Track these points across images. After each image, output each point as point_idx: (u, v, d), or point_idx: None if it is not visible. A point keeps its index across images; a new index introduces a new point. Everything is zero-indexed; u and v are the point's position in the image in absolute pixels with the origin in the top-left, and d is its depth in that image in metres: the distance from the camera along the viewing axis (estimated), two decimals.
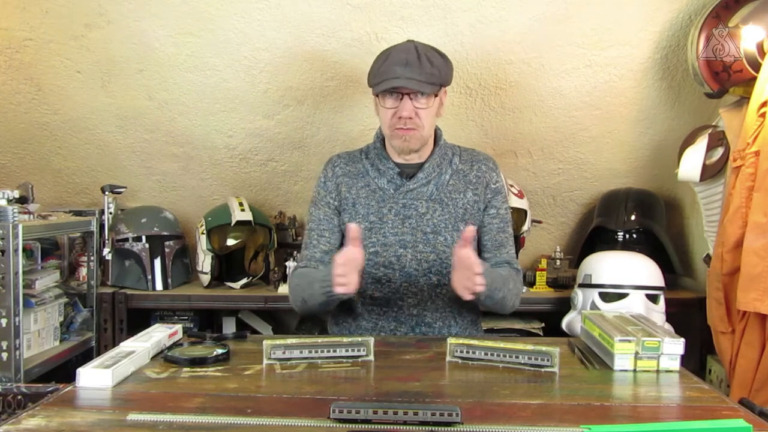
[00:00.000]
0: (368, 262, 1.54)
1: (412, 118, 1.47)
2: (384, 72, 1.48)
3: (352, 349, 1.19)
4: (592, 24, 1.97)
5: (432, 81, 1.47)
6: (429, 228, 1.54)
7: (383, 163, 1.58)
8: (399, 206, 1.56)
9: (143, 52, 2.06)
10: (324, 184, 1.63)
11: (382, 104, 1.52)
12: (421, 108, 1.48)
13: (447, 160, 1.60)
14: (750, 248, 1.61)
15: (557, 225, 2.61)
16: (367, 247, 1.53)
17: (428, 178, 1.57)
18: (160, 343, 1.22)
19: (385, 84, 1.47)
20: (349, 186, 1.60)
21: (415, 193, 1.56)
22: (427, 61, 1.47)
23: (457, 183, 1.58)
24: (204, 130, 2.31)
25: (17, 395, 1.06)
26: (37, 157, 2.40)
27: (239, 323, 2.49)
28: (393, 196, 1.56)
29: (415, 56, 1.47)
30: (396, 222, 1.55)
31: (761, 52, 1.73)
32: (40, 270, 2.01)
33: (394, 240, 1.54)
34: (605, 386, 1.06)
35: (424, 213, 1.55)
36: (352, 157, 1.65)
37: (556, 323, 2.19)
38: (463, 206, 1.57)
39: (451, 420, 0.85)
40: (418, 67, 1.45)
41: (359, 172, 1.61)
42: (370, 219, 1.56)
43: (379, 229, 1.55)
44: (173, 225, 2.39)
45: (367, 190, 1.58)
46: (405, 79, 1.45)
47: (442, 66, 1.51)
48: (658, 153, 2.35)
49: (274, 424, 0.87)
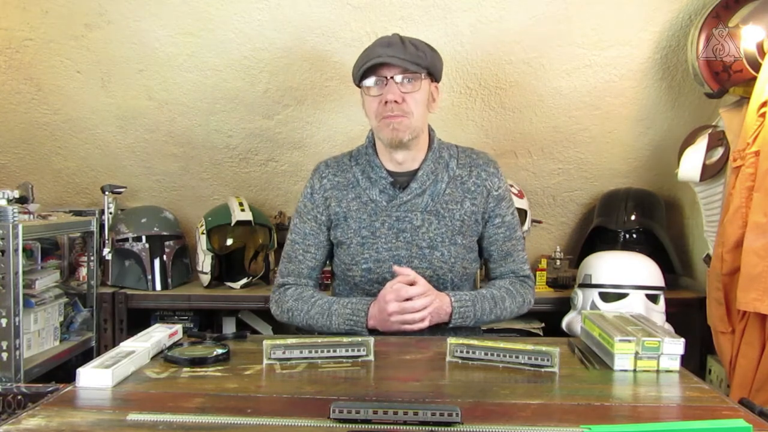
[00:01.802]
0: (361, 279, 1.50)
1: (399, 103, 1.40)
2: (364, 56, 1.44)
3: (352, 349, 1.19)
4: (592, 24, 1.97)
5: (417, 62, 1.41)
6: (425, 242, 1.48)
7: (375, 172, 1.50)
8: (392, 219, 1.48)
9: (143, 52, 2.06)
10: (311, 197, 1.56)
11: (367, 93, 1.46)
12: (407, 92, 1.41)
13: (443, 164, 1.52)
14: (750, 248, 1.61)
15: (557, 225, 2.61)
16: (359, 263, 1.49)
17: (422, 187, 1.49)
18: (160, 343, 1.22)
19: (365, 65, 1.41)
20: (339, 199, 1.52)
21: (409, 204, 1.49)
22: (411, 45, 1.42)
23: (454, 192, 1.51)
24: (204, 130, 2.31)
25: (17, 395, 1.06)
26: (37, 157, 2.40)
27: (239, 323, 2.49)
28: (386, 208, 1.49)
29: (397, 39, 1.43)
30: (389, 236, 1.48)
31: (761, 52, 1.73)
32: (40, 270, 2.01)
33: (388, 255, 1.48)
34: (605, 386, 1.06)
35: (420, 226, 1.48)
36: (340, 166, 1.57)
37: (556, 323, 2.19)
38: (461, 218, 1.50)
39: (451, 420, 0.85)
40: (402, 48, 1.41)
41: (349, 183, 1.53)
42: (362, 234, 1.49)
43: (372, 245, 1.49)
44: (173, 225, 2.39)
45: (359, 203, 1.51)
46: (387, 57, 1.39)
47: (428, 52, 1.45)
48: (658, 153, 2.35)
49: (274, 424, 0.87)
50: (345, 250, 1.52)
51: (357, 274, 1.50)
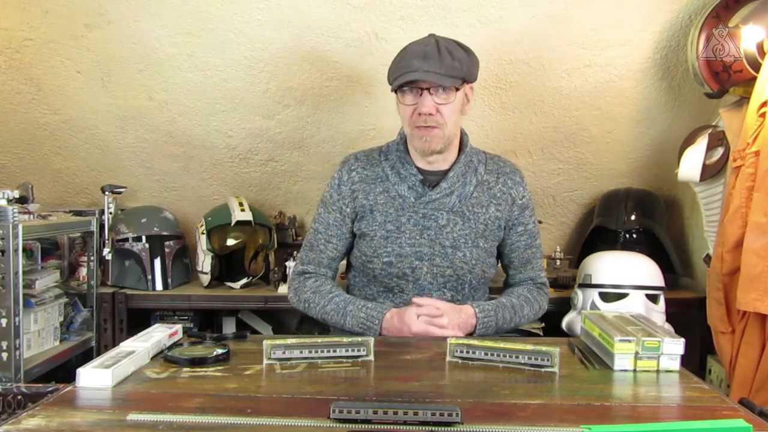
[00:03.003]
0: (381, 272, 1.51)
1: (432, 115, 1.41)
2: (402, 66, 1.42)
3: (352, 349, 1.19)
4: (592, 24, 1.97)
5: (452, 74, 1.39)
6: (448, 242, 1.49)
7: (405, 168, 1.51)
8: (418, 216, 1.50)
9: (143, 52, 2.06)
10: (338, 188, 1.56)
11: (402, 101, 1.45)
12: (441, 104, 1.41)
13: (472, 168, 1.54)
14: (750, 248, 1.61)
15: (557, 225, 2.61)
16: (381, 255, 1.50)
17: (452, 188, 1.50)
18: (160, 343, 1.22)
19: (402, 78, 1.40)
20: (367, 192, 1.53)
21: (436, 203, 1.50)
22: (447, 53, 1.40)
23: (481, 196, 1.53)
24: (204, 130, 2.31)
25: (17, 395, 1.06)
26: (37, 157, 2.40)
27: (239, 323, 2.49)
28: (413, 205, 1.50)
29: (434, 49, 1.40)
30: (414, 232, 1.50)
31: (761, 52, 1.73)
32: (40, 270, 2.01)
33: (411, 251, 1.49)
34: (605, 386, 1.06)
35: (444, 225, 1.50)
36: (370, 160, 1.58)
37: (556, 323, 2.19)
38: (485, 222, 1.52)
39: (451, 420, 0.85)
40: (438, 60, 1.38)
41: (378, 177, 1.54)
42: (387, 227, 1.51)
43: (396, 239, 1.50)
44: (173, 225, 2.39)
45: (386, 197, 1.52)
46: (423, 72, 1.37)
47: (464, 59, 1.43)
48: (658, 153, 2.35)
49: (274, 424, 0.87)
50: (368, 242, 1.53)
51: (377, 267, 1.52)
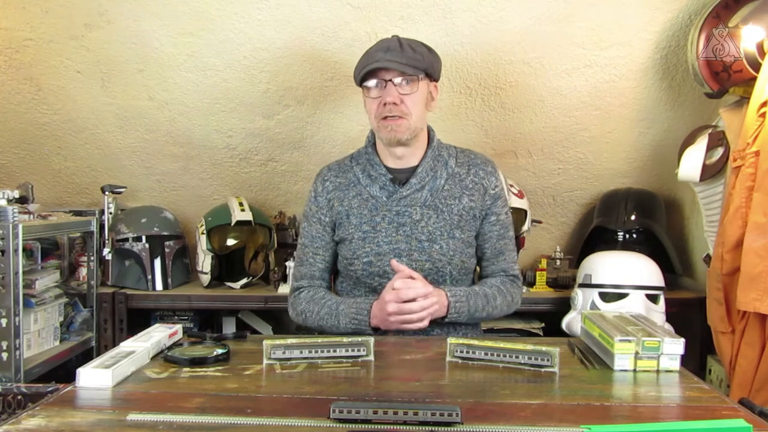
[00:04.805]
0: (363, 273, 1.54)
1: (397, 105, 1.46)
2: (364, 60, 1.49)
3: (352, 349, 1.19)
4: (593, 24, 1.97)
5: (414, 65, 1.46)
6: (424, 236, 1.52)
7: (375, 169, 1.56)
8: (392, 214, 1.53)
9: (143, 52, 2.06)
10: (315, 200, 1.61)
11: (367, 95, 1.52)
12: (405, 94, 1.47)
13: (442, 162, 1.57)
14: (750, 248, 1.61)
15: (557, 225, 2.61)
16: (360, 257, 1.53)
17: (422, 183, 1.54)
18: (160, 343, 1.22)
19: (365, 69, 1.47)
20: (341, 199, 1.58)
21: (408, 199, 1.54)
22: (409, 47, 1.48)
23: (453, 188, 1.56)
24: (204, 130, 2.31)
25: (17, 395, 1.06)
26: (37, 157, 2.40)
27: (239, 323, 2.49)
28: (386, 203, 1.54)
29: (396, 44, 1.48)
30: (390, 230, 1.53)
31: (761, 52, 1.73)
32: (40, 270, 2.01)
33: (388, 249, 1.52)
34: (605, 386, 1.06)
35: (419, 220, 1.53)
36: (342, 167, 1.63)
37: (556, 323, 2.19)
38: (459, 213, 1.54)
39: (451, 420, 0.85)
40: (400, 52, 1.46)
41: (350, 182, 1.59)
42: (363, 229, 1.54)
43: (373, 239, 1.53)
44: (173, 225, 2.39)
45: (360, 200, 1.56)
46: (385, 61, 1.45)
47: (426, 54, 1.50)
48: (658, 153, 2.35)
49: (274, 424, 0.87)
50: (347, 245, 1.57)
51: (359, 268, 1.54)
